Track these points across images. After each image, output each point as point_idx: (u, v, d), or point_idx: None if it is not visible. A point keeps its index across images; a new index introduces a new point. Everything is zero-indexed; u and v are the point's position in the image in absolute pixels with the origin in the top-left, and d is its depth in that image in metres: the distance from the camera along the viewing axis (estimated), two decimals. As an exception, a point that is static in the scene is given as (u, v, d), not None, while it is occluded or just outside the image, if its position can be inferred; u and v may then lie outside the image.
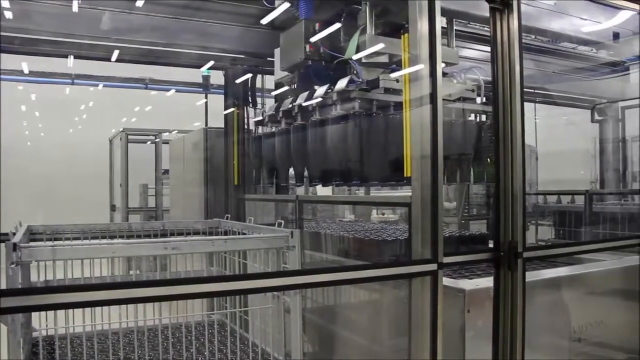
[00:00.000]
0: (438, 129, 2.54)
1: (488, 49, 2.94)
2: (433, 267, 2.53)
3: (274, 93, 5.01)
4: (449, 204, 6.86)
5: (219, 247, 2.94)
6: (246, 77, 5.07)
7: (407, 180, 2.78)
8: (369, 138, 3.56)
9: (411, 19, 2.64)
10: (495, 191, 2.86)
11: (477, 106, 4.00)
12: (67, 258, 2.51)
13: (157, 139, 8.22)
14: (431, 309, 2.53)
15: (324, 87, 3.81)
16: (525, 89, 2.86)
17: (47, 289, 2.17)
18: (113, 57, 4.56)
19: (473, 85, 4.00)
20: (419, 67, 2.62)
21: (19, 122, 9.47)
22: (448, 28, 3.93)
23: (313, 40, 3.90)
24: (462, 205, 6.83)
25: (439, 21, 2.57)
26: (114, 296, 1.96)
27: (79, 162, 9.22)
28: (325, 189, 5.19)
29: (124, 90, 8.18)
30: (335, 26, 3.92)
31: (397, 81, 3.53)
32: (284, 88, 4.71)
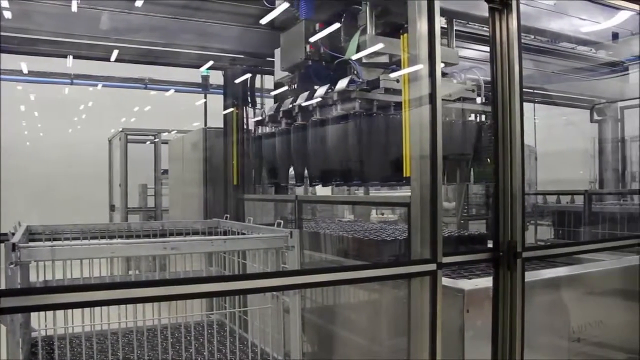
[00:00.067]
0: (437, 129, 2.54)
1: (487, 49, 2.94)
2: (432, 267, 2.53)
3: (273, 93, 5.01)
4: (448, 204, 6.87)
5: (218, 247, 2.94)
6: (245, 77, 5.07)
7: (407, 180, 2.78)
8: (369, 138, 3.56)
9: (410, 19, 2.64)
10: (494, 191, 2.86)
11: (477, 106, 4.00)
12: (66, 258, 2.51)
13: (157, 139, 8.22)
14: (430, 309, 2.54)
15: (324, 87, 3.81)
16: (524, 89, 2.86)
17: (46, 289, 2.17)
18: (112, 57, 4.55)
19: (473, 85, 4.00)
20: (418, 67, 2.62)
21: (18, 122, 9.47)
22: (448, 28, 3.93)
23: (313, 40, 3.90)
24: (462, 205, 6.82)
25: (438, 21, 2.57)
26: (113, 296, 1.96)
27: (78, 162, 9.22)
28: (324, 189, 5.19)
29: (123, 90, 8.18)
30: (335, 26, 3.92)
31: (397, 81, 3.52)
32: (284, 88, 4.70)
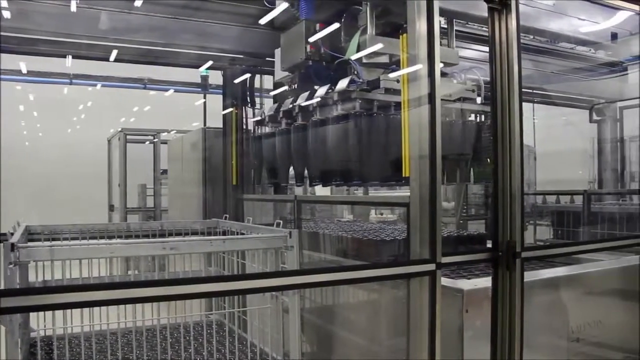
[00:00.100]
0: (436, 129, 2.54)
1: (486, 49, 2.94)
2: (431, 267, 2.53)
3: (273, 93, 5.01)
4: (448, 204, 6.87)
5: (218, 247, 2.94)
6: (245, 77, 5.07)
7: (406, 180, 2.78)
8: (370, 138, 3.56)
9: (409, 19, 2.64)
10: (493, 191, 2.86)
11: (478, 106, 4.00)
12: (65, 258, 2.51)
13: (156, 139, 8.22)
14: (429, 309, 2.54)
15: (325, 88, 3.81)
16: (523, 89, 2.86)
17: (45, 289, 2.17)
18: (111, 57, 4.55)
19: (473, 85, 4.00)
20: (418, 67, 2.62)
21: (17, 122, 9.45)
22: (448, 28, 3.93)
23: (313, 40, 3.90)
24: (461, 205, 6.83)
25: (438, 21, 2.57)
26: (113, 296, 1.96)
27: (77, 162, 9.20)
28: (323, 189, 5.19)
29: (123, 90, 8.16)
30: (335, 26, 3.92)
31: (398, 81, 3.52)
32: (283, 88, 4.70)
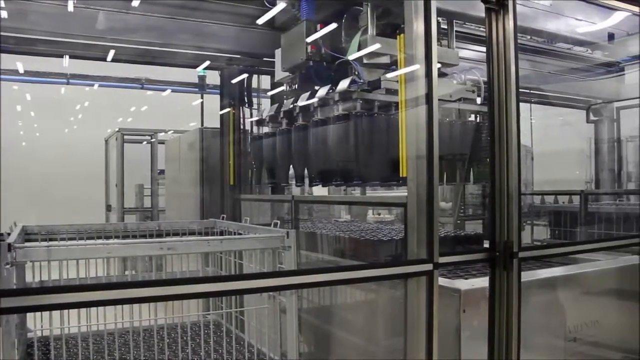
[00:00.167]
0: (434, 129, 2.54)
1: (484, 49, 2.94)
2: (429, 267, 2.53)
3: (270, 93, 5.01)
4: (445, 204, 6.87)
5: (215, 248, 2.94)
6: (242, 78, 5.07)
7: (404, 180, 2.78)
8: (371, 138, 3.55)
9: (407, 19, 2.64)
10: (490, 191, 2.86)
11: (477, 107, 4.00)
12: (62, 258, 2.50)
13: (153, 139, 8.22)
14: (427, 309, 2.54)
15: (326, 88, 3.81)
16: (520, 89, 2.86)
17: (42, 290, 2.17)
18: (109, 57, 4.54)
19: (473, 86, 4.00)
20: (415, 68, 2.62)
21: (14, 122, 9.43)
22: (448, 29, 3.93)
23: (314, 41, 3.90)
24: (458, 205, 6.84)
25: (435, 21, 2.57)
26: (110, 297, 1.96)
27: (75, 162, 9.19)
28: (321, 189, 5.20)
29: (120, 90, 8.16)
30: (333, 26, 3.91)
31: (398, 82, 3.52)
32: (281, 88, 4.70)
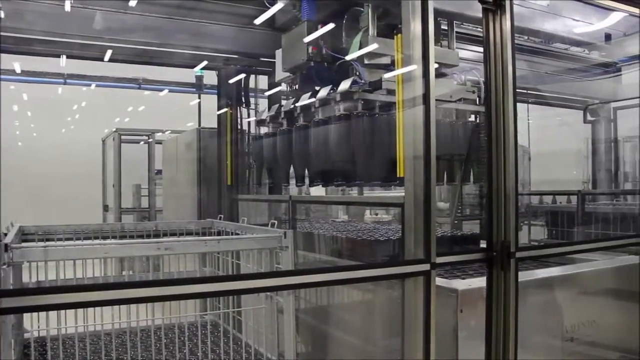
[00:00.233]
0: (431, 130, 2.54)
1: (481, 50, 2.95)
2: (426, 267, 2.53)
3: (268, 93, 5.01)
4: (443, 205, 6.86)
5: (212, 248, 2.94)
6: (239, 78, 5.06)
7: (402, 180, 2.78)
8: (372, 139, 3.55)
9: (404, 20, 2.64)
10: (488, 191, 2.86)
11: (477, 107, 4.00)
12: (59, 259, 2.50)
13: (150, 139, 8.21)
14: (424, 309, 2.54)
15: (327, 88, 3.81)
16: (518, 90, 2.86)
17: (39, 290, 2.16)
18: (106, 57, 4.54)
19: (473, 86, 4.00)
20: (412, 68, 2.62)
21: (11, 122, 9.41)
22: (448, 30, 3.93)
23: (315, 41, 3.89)
24: (456, 205, 6.83)
25: (432, 21, 2.57)
26: (107, 297, 1.96)
27: (72, 163, 9.17)
28: (318, 190, 5.20)
29: (117, 90, 8.14)
30: (331, 26, 3.91)
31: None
32: (278, 88, 4.70)
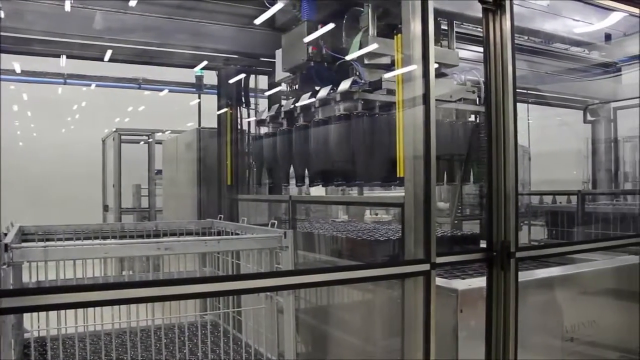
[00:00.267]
0: (431, 130, 2.54)
1: (481, 50, 2.95)
2: (426, 267, 2.53)
3: (268, 93, 5.00)
4: (443, 204, 6.86)
5: (212, 248, 2.93)
6: (239, 78, 5.06)
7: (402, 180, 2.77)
8: (372, 139, 3.55)
9: (404, 20, 2.64)
10: (488, 191, 2.86)
11: (476, 107, 3.99)
12: (59, 259, 2.50)
13: (150, 139, 8.21)
14: (424, 309, 2.54)
15: (327, 89, 3.80)
16: (518, 90, 2.86)
17: (39, 290, 2.16)
18: (106, 57, 4.54)
19: (473, 87, 4.00)
20: (412, 68, 2.62)
21: (11, 122, 9.40)
22: (449, 30, 3.93)
23: (315, 41, 3.89)
24: (456, 205, 6.83)
25: (432, 21, 2.57)
26: (107, 297, 1.96)
27: (72, 162, 9.17)
28: (318, 189, 5.20)
29: (117, 90, 8.14)
30: (337, 27, 3.91)
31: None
32: (278, 88, 4.70)
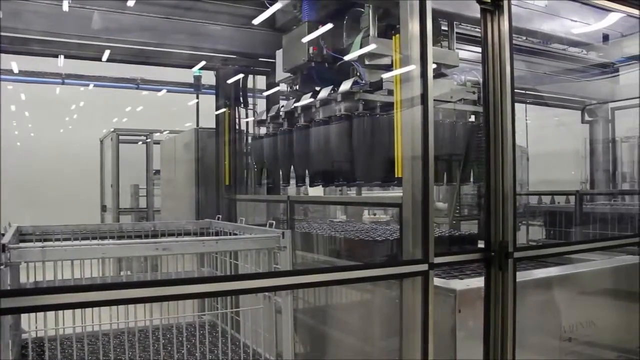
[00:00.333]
0: (429, 130, 2.54)
1: (479, 50, 2.95)
2: (424, 268, 2.53)
3: (266, 93, 5.00)
4: (442, 205, 6.86)
5: (210, 248, 2.93)
6: (238, 78, 5.06)
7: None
8: (372, 139, 3.55)
9: (402, 20, 2.64)
10: (486, 191, 2.86)
11: (476, 107, 3.99)
12: (57, 259, 2.49)
13: (148, 139, 8.19)
14: (422, 310, 2.54)
15: (328, 89, 3.80)
16: (516, 90, 2.87)
17: (37, 290, 2.15)
18: (104, 57, 4.53)
19: (473, 87, 4.00)
20: (410, 68, 2.62)
21: (9, 122, 9.38)
22: (449, 31, 3.93)
23: (315, 42, 3.89)
24: (454, 205, 6.83)
25: (430, 21, 2.57)
26: (105, 297, 1.96)
27: (70, 163, 9.16)
28: (316, 190, 5.20)
29: (115, 90, 8.13)
30: (338, 28, 3.91)
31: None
32: (277, 88, 4.70)
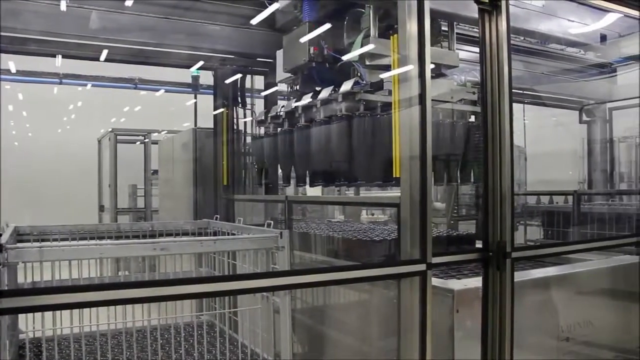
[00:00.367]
0: (427, 130, 2.55)
1: (476, 50, 2.95)
2: (422, 268, 2.54)
3: (264, 93, 5.00)
4: (439, 205, 6.87)
5: (208, 248, 2.93)
6: (236, 78, 5.06)
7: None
8: (373, 139, 3.54)
9: (400, 20, 2.65)
10: (484, 191, 2.87)
11: (474, 107, 3.99)
12: (55, 259, 2.49)
13: (146, 139, 8.18)
14: (420, 309, 2.54)
15: (329, 89, 3.80)
16: (514, 90, 2.87)
17: (35, 291, 2.16)
18: (102, 57, 4.52)
19: (473, 87, 4.00)
20: (409, 68, 2.62)
21: (6, 122, 9.36)
22: (449, 31, 3.94)
23: (316, 42, 3.89)
24: (452, 205, 6.84)
25: (428, 22, 2.57)
26: (103, 297, 1.96)
27: (68, 162, 9.14)
28: (314, 190, 5.20)
29: (113, 90, 8.12)
30: (338, 29, 3.91)
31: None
32: (275, 88, 4.69)
